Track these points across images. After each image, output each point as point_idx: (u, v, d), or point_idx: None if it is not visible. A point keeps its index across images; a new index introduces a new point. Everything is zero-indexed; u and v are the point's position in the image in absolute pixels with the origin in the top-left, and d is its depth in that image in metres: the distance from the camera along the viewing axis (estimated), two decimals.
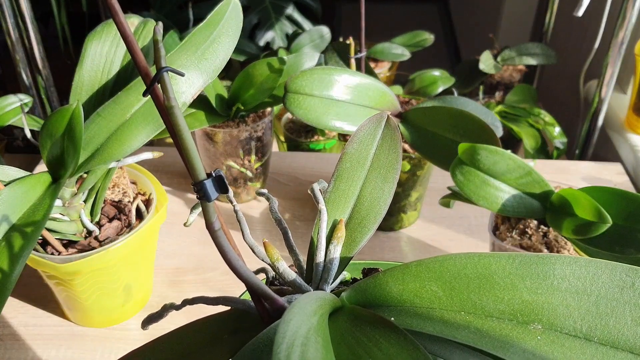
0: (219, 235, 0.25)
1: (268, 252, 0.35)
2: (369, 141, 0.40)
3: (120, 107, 0.49)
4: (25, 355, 0.61)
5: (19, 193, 0.45)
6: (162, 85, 0.22)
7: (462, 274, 0.27)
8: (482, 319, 0.26)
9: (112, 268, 0.57)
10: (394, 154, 0.39)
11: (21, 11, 0.87)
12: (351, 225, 0.38)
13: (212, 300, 0.32)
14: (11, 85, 1.20)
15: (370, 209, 0.38)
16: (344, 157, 0.40)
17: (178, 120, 0.22)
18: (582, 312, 0.25)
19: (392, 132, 0.40)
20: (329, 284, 0.35)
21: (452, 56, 2.47)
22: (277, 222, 0.37)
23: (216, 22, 0.50)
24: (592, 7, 0.86)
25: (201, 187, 0.23)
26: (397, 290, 0.28)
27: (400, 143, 0.40)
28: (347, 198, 0.38)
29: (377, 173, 0.39)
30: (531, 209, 0.53)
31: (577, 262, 0.26)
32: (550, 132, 1.04)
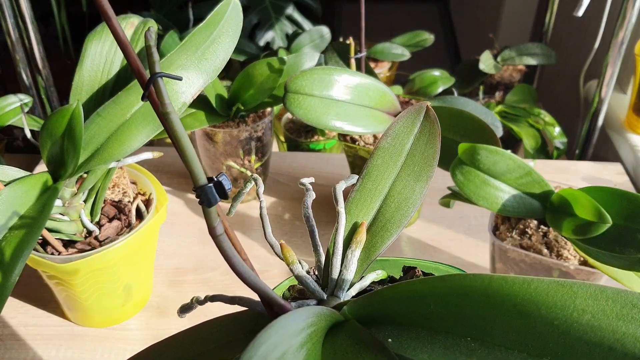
0: (222, 240, 0.24)
1: (284, 253, 0.33)
2: (405, 134, 0.37)
3: (120, 107, 0.49)
4: (25, 355, 0.61)
5: (19, 193, 0.45)
6: (157, 91, 0.21)
7: (470, 296, 0.25)
8: (488, 348, 0.24)
9: (112, 268, 0.57)
10: (432, 149, 0.36)
11: (21, 11, 0.87)
12: (373, 228, 0.35)
13: (230, 300, 0.31)
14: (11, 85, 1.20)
15: (396, 211, 0.35)
16: (375, 153, 0.37)
17: (174, 126, 0.22)
18: (604, 351, 0.22)
19: (432, 124, 0.37)
20: (344, 290, 0.33)
21: (452, 56, 2.47)
22: (305, 219, 0.35)
23: (216, 22, 0.50)
24: (592, 7, 0.86)
25: (202, 192, 0.23)
26: (400, 309, 0.27)
27: (439, 137, 0.36)
28: (373, 198, 0.36)
29: (410, 170, 0.36)
30: (531, 209, 0.53)
31: (603, 293, 0.23)
32: (550, 132, 1.04)
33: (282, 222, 0.80)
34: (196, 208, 0.82)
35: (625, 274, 0.50)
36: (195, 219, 0.81)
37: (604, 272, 0.50)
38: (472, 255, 0.74)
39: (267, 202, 0.83)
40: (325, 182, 0.88)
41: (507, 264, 0.57)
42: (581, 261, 0.54)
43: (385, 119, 0.67)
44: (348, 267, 0.34)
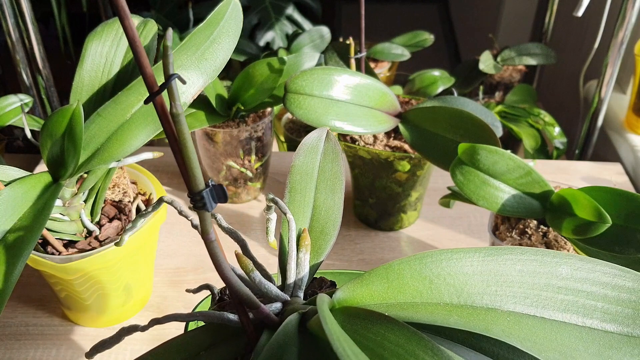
0: (214, 247, 0.25)
1: (241, 263, 0.34)
2: (313, 154, 0.43)
3: (120, 107, 0.49)
4: (26, 355, 0.61)
5: (19, 193, 0.45)
6: (170, 93, 0.21)
7: (439, 269, 0.29)
8: (460, 308, 0.28)
9: (112, 268, 0.57)
10: (337, 166, 0.42)
11: (21, 11, 0.87)
12: (314, 233, 0.39)
13: (187, 317, 0.31)
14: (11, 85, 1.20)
15: (327, 218, 0.39)
16: (293, 170, 0.42)
17: (183, 128, 0.21)
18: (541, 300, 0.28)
19: (333, 145, 0.43)
20: (302, 289, 0.35)
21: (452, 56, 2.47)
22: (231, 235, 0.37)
23: (216, 22, 0.50)
24: (592, 7, 0.86)
25: (201, 198, 0.22)
26: (382, 288, 0.30)
27: (341, 155, 0.42)
28: (304, 208, 0.40)
29: (325, 185, 0.41)
30: (531, 209, 0.53)
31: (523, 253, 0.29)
32: (550, 132, 1.04)
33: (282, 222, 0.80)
34: None
35: None
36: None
37: None
38: None
39: None
40: None
41: None
42: None
43: (385, 119, 0.68)
44: (303, 269, 0.36)
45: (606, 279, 0.29)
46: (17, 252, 0.41)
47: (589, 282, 0.29)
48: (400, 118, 0.69)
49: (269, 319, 0.31)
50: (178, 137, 0.22)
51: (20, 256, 0.41)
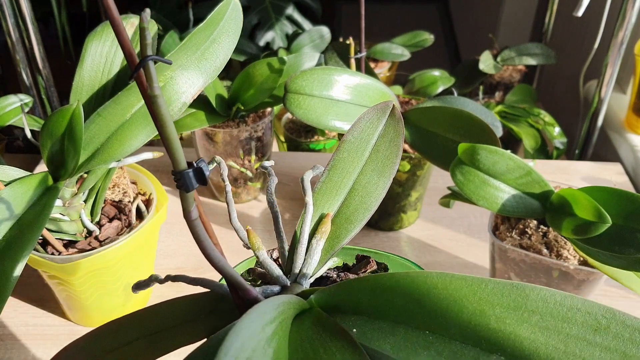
0: (196, 225, 0.25)
1: (250, 239, 0.34)
2: (370, 130, 0.38)
3: (120, 107, 0.49)
4: (26, 355, 0.61)
5: (19, 193, 0.45)
6: (146, 74, 0.21)
7: (432, 293, 0.26)
8: (445, 342, 0.25)
9: (112, 268, 0.57)
10: (395, 147, 0.37)
11: (21, 11, 0.87)
12: (338, 220, 0.36)
13: (192, 281, 0.32)
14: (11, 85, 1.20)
15: (360, 204, 0.36)
16: (341, 146, 0.38)
17: (161, 110, 0.22)
18: (549, 349, 0.24)
19: (396, 123, 0.38)
20: (307, 278, 0.34)
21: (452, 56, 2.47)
22: (269, 205, 0.36)
23: (216, 22, 0.50)
24: (592, 7, 0.86)
25: (181, 177, 0.23)
26: (366, 300, 0.28)
27: (402, 136, 0.37)
28: (338, 190, 0.37)
29: (374, 166, 0.37)
30: (531, 209, 0.53)
31: (552, 296, 0.24)
32: (550, 132, 1.04)
33: (282, 222, 0.80)
34: None
35: (624, 273, 0.50)
36: None
37: (604, 272, 0.50)
38: (471, 255, 0.75)
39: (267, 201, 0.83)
40: None
41: (507, 263, 0.57)
42: (581, 261, 0.54)
43: None
44: (312, 256, 0.34)
45: None
46: (17, 252, 0.41)
47: None
48: None
49: (258, 301, 0.30)
50: (157, 117, 0.22)
51: (20, 256, 0.41)
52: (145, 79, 0.22)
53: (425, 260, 0.74)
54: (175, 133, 0.23)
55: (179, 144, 0.23)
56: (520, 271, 0.56)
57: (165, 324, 0.32)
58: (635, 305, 0.67)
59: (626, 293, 0.68)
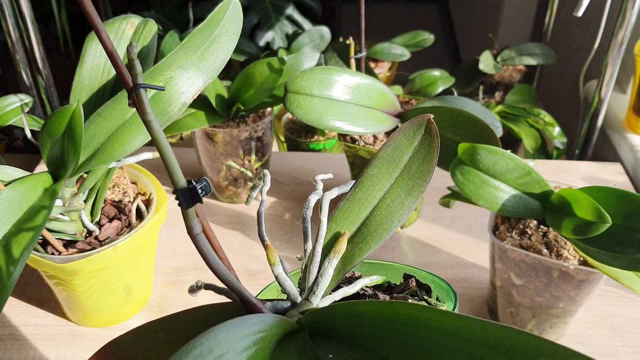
0: (199, 239, 0.26)
1: (268, 254, 0.35)
2: (405, 146, 0.37)
3: (120, 107, 0.49)
4: (26, 355, 0.61)
5: (19, 193, 0.45)
6: (139, 101, 0.23)
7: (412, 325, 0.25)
8: None
9: (112, 268, 0.57)
10: (429, 164, 0.36)
11: (21, 11, 0.87)
12: (355, 239, 0.36)
13: (219, 290, 0.33)
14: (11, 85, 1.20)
15: (380, 224, 0.35)
16: (373, 162, 0.37)
17: (156, 134, 0.23)
18: None
19: (432, 139, 0.37)
20: (318, 296, 0.34)
21: (452, 56, 2.47)
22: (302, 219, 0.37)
23: (216, 22, 0.50)
24: (592, 7, 0.86)
25: (178, 195, 0.24)
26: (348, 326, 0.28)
27: (437, 153, 0.36)
28: (361, 209, 0.36)
29: (403, 183, 0.36)
30: (531, 209, 0.53)
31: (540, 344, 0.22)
32: (550, 132, 1.04)
33: (282, 222, 0.80)
34: None
35: (624, 273, 0.50)
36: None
37: (604, 272, 0.50)
38: (471, 255, 0.75)
39: (267, 201, 0.83)
40: (325, 182, 0.88)
41: (507, 263, 0.57)
42: (581, 261, 0.54)
43: (385, 119, 0.68)
44: (323, 275, 0.34)
45: None
46: (18, 252, 0.41)
47: None
48: (401, 118, 0.69)
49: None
50: (154, 139, 0.23)
51: (21, 256, 0.41)
52: (139, 105, 0.23)
53: (425, 260, 0.74)
54: (171, 153, 0.24)
55: (176, 163, 0.24)
56: (520, 271, 0.56)
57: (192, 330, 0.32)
58: (635, 305, 0.67)
59: (626, 293, 0.68)
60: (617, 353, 0.62)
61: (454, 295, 0.39)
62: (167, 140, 0.23)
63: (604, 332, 0.64)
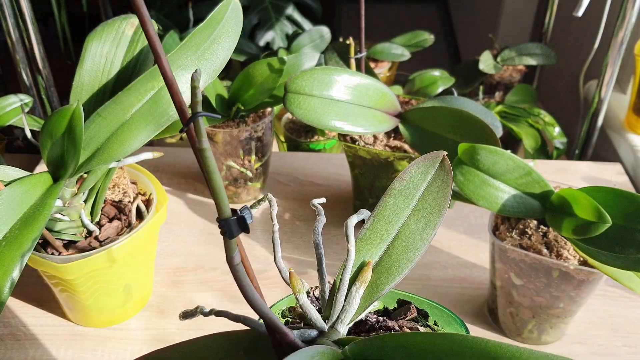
0: (238, 270, 0.26)
1: (292, 281, 0.34)
2: (419, 180, 0.38)
3: (120, 108, 0.49)
4: (26, 355, 0.61)
5: (20, 193, 0.45)
6: (196, 130, 0.23)
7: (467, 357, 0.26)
8: None
9: (112, 268, 0.57)
10: (443, 198, 0.37)
11: (21, 11, 0.87)
12: (379, 268, 0.36)
13: (235, 318, 0.32)
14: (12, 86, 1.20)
15: (403, 254, 0.36)
16: (389, 194, 0.38)
17: (209, 162, 0.23)
18: None
19: (445, 174, 0.38)
20: (345, 324, 0.34)
21: (451, 56, 2.47)
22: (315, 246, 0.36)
23: (216, 23, 0.50)
24: (592, 7, 0.86)
25: (225, 225, 0.24)
26: (397, 357, 0.28)
27: (451, 187, 0.37)
28: (382, 238, 0.37)
29: (420, 215, 0.37)
30: (531, 209, 0.53)
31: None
32: (550, 132, 1.04)
33: (282, 222, 0.80)
34: (196, 208, 0.82)
35: (624, 273, 0.50)
36: (195, 219, 0.81)
37: (604, 272, 0.50)
38: (472, 255, 0.75)
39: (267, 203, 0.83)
40: (325, 182, 0.88)
41: (507, 263, 0.57)
42: (581, 261, 0.54)
43: (385, 119, 0.68)
44: (351, 304, 0.34)
45: None
46: (18, 252, 0.41)
47: None
48: (400, 118, 0.69)
49: (295, 344, 0.31)
50: (205, 169, 0.23)
51: (21, 256, 0.41)
52: (195, 133, 0.23)
53: (425, 260, 0.74)
54: (221, 182, 0.24)
55: (224, 193, 0.24)
56: (520, 271, 0.56)
57: (206, 356, 0.32)
58: (635, 305, 0.67)
59: (626, 293, 0.68)
60: (617, 353, 0.62)
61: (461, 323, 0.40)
62: (217, 170, 0.24)
63: (604, 332, 0.64)
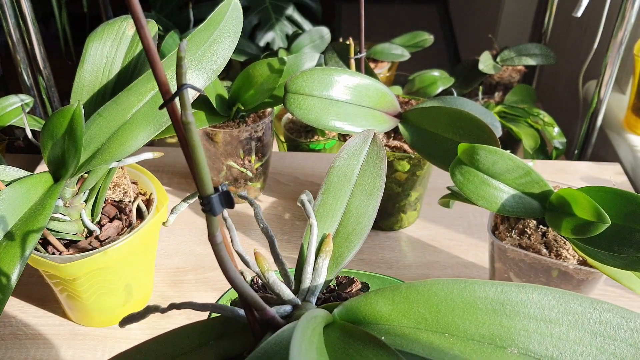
0: (220, 249, 0.26)
1: (258, 262, 0.35)
2: (355, 156, 0.42)
3: (121, 108, 0.49)
4: (26, 354, 0.61)
5: (20, 193, 0.46)
6: (181, 102, 0.22)
7: (448, 298, 0.28)
8: (464, 342, 0.27)
9: (112, 268, 0.58)
10: (379, 171, 0.41)
11: (22, 12, 0.87)
12: (338, 239, 0.38)
13: (201, 307, 0.32)
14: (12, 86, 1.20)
15: (356, 224, 0.39)
16: (331, 171, 0.41)
17: (193, 136, 0.23)
18: (554, 339, 0.27)
19: (378, 149, 0.42)
20: (315, 296, 0.35)
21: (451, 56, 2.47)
22: (263, 231, 0.37)
23: (216, 23, 0.50)
24: (591, 7, 0.86)
25: (208, 202, 0.24)
26: (386, 310, 0.29)
27: (385, 161, 0.41)
28: (334, 212, 0.39)
29: (362, 189, 0.40)
30: (530, 208, 0.54)
31: (552, 293, 0.28)
32: (549, 132, 1.04)
33: (282, 221, 0.80)
34: (197, 208, 0.83)
35: (624, 273, 0.50)
36: (196, 219, 0.81)
37: (603, 271, 0.50)
38: (471, 255, 0.75)
39: (267, 202, 0.83)
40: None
41: (507, 263, 0.57)
42: (580, 261, 0.54)
43: (385, 119, 0.68)
44: (319, 275, 0.36)
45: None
46: (18, 252, 0.41)
47: (619, 335, 0.27)
48: (400, 118, 0.69)
49: (274, 321, 0.31)
50: (188, 143, 0.23)
51: (21, 256, 0.41)
52: (180, 106, 0.23)
53: (425, 260, 0.74)
54: (204, 158, 0.23)
55: (207, 170, 0.24)
56: (519, 271, 0.56)
57: (175, 352, 0.32)
58: (634, 305, 0.67)
59: (625, 293, 0.68)
60: None
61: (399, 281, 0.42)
62: (201, 145, 0.23)
63: None
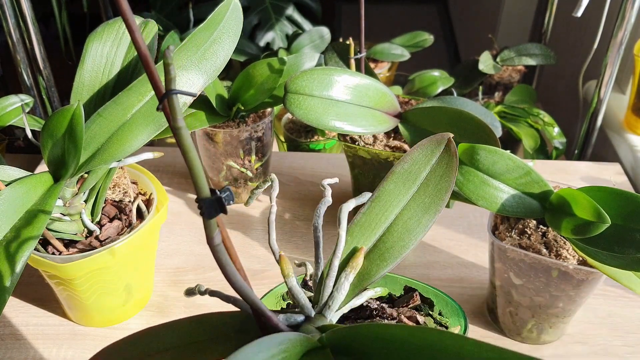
0: (219, 250, 0.26)
1: (281, 265, 0.34)
2: (422, 163, 0.36)
3: (121, 108, 0.49)
4: (26, 354, 0.61)
5: (20, 193, 0.46)
6: (170, 108, 0.22)
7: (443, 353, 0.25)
8: None
9: (112, 268, 0.58)
10: (446, 182, 0.35)
11: (22, 12, 0.87)
12: (372, 255, 0.35)
13: (226, 298, 0.32)
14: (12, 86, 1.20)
15: (397, 241, 0.35)
16: (389, 177, 0.36)
17: (184, 141, 0.23)
18: None
19: (451, 157, 0.36)
20: (333, 311, 0.34)
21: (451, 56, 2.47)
22: (314, 229, 0.35)
23: (216, 23, 0.50)
24: (591, 7, 0.86)
25: (203, 205, 0.24)
26: (374, 348, 0.27)
27: (455, 172, 0.35)
28: (377, 224, 0.35)
29: (420, 200, 0.35)
30: (530, 208, 0.54)
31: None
32: (549, 132, 1.04)
33: (282, 221, 0.80)
34: (196, 208, 0.82)
35: (624, 273, 0.50)
36: (196, 219, 0.81)
37: (603, 271, 0.50)
38: (471, 255, 0.75)
39: (267, 202, 0.83)
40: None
41: (506, 263, 0.57)
42: (580, 261, 0.54)
43: (385, 119, 0.68)
44: (340, 290, 0.34)
45: None
46: (18, 252, 0.41)
47: None
48: (400, 118, 0.69)
49: (278, 329, 0.31)
50: (180, 147, 0.23)
51: (21, 256, 0.41)
52: (170, 112, 0.22)
53: (425, 260, 0.74)
54: (199, 162, 0.23)
55: (202, 172, 0.24)
56: (519, 271, 0.57)
57: (199, 337, 0.32)
58: (634, 305, 0.67)
59: (625, 293, 0.68)
60: (616, 352, 0.62)
61: (463, 314, 0.39)
62: (194, 148, 0.23)
63: (604, 331, 0.64)
